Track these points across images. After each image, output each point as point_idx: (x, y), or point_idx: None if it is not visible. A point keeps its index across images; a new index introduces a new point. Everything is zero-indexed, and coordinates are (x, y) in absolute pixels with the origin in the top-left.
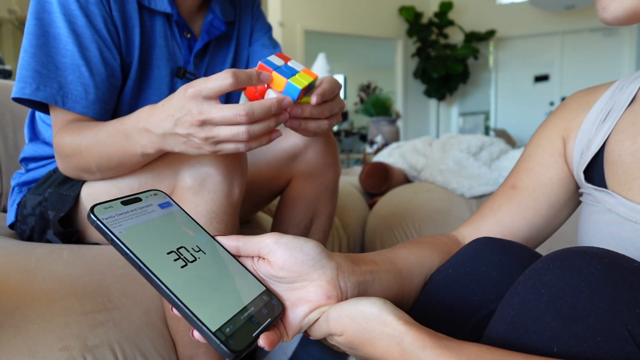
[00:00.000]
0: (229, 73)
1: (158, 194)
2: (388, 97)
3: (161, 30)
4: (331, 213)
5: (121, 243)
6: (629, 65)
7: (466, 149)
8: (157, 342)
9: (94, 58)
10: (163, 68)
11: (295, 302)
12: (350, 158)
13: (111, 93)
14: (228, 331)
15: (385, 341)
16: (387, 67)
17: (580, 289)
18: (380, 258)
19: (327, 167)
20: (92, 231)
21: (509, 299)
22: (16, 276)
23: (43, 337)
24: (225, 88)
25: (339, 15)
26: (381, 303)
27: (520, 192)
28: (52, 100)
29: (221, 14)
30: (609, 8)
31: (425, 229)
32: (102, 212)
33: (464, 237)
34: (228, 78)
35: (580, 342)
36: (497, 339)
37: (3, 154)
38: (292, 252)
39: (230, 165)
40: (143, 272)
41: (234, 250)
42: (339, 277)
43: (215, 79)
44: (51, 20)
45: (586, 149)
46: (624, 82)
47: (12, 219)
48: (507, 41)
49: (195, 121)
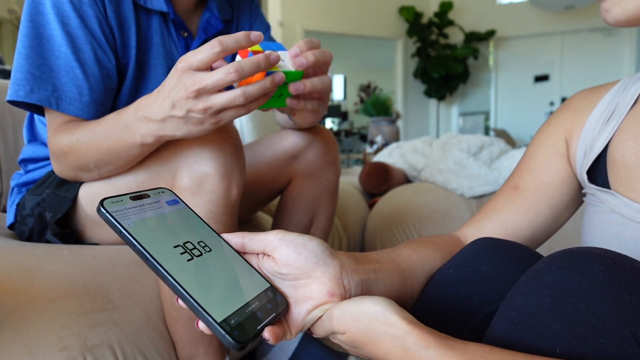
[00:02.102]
0: (215, 41)
1: (165, 191)
2: (388, 97)
3: (158, 29)
4: (331, 213)
5: (129, 235)
6: (629, 65)
7: (466, 149)
8: (157, 342)
9: (88, 59)
10: (160, 67)
11: (298, 299)
12: (350, 158)
13: (106, 95)
14: (233, 323)
15: (388, 340)
16: (387, 67)
17: (583, 290)
18: (383, 257)
19: (327, 167)
20: (91, 231)
21: (511, 299)
22: (16, 276)
23: (43, 337)
24: (213, 56)
25: (339, 15)
26: (385, 302)
27: (522, 192)
28: (47, 102)
29: (218, 12)
30: (611, 12)
31: (425, 229)
32: (112, 206)
33: (466, 237)
34: (215, 46)
35: (583, 344)
36: (498, 339)
37: (3, 154)
38: (296, 249)
39: (229, 165)
40: (150, 263)
41: (239, 247)
42: (342, 275)
43: (202, 49)
44: (44, 22)
45: (589, 150)
46: (627, 82)
47: (11, 220)
48: (507, 41)
49: (190, 93)
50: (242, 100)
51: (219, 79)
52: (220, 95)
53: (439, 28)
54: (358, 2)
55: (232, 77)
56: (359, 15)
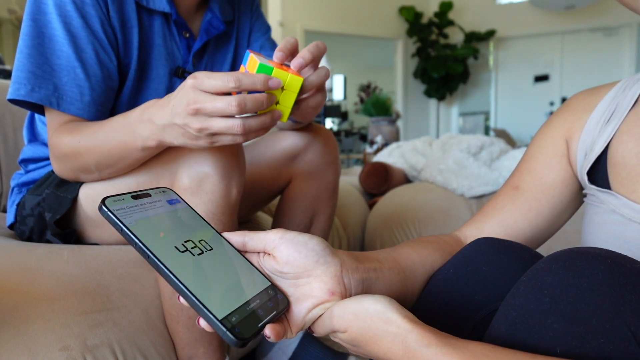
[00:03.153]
0: (233, 76)
1: (167, 191)
2: (388, 97)
3: (160, 30)
4: (331, 213)
5: (131, 233)
6: (629, 65)
7: (466, 149)
8: (157, 342)
9: (89, 59)
10: (162, 68)
11: (299, 297)
12: (350, 158)
13: (107, 95)
14: (234, 320)
15: (389, 339)
16: (387, 67)
17: (583, 290)
18: (384, 256)
19: (327, 167)
20: (91, 232)
21: (511, 299)
22: (16, 276)
23: (43, 337)
24: (225, 89)
25: (339, 15)
26: (386, 301)
27: (523, 193)
28: (47, 101)
29: (220, 14)
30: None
31: (425, 229)
32: (114, 204)
33: (466, 237)
34: (231, 81)
35: (583, 344)
36: (498, 339)
37: (3, 154)
38: (297, 248)
39: (228, 166)
40: (151, 261)
41: (240, 246)
42: (343, 274)
43: (218, 77)
44: (47, 21)
45: (590, 150)
46: (627, 83)
47: (11, 220)
48: (507, 41)
49: (189, 110)
50: (240, 131)
51: (220, 108)
52: (219, 120)
53: (439, 28)
54: (358, 2)
55: (233, 110)
56: (359, 15)
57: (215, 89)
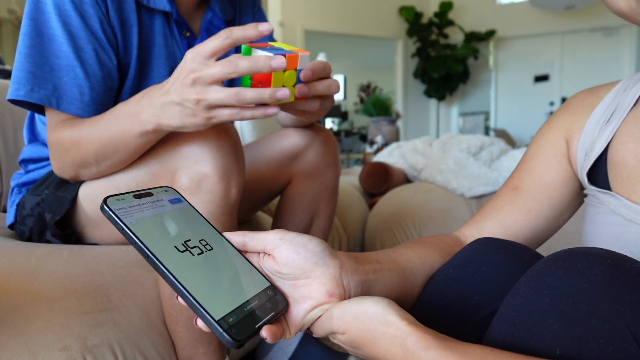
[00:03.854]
0: (224, 31)
1: (169, 190)
2: (388, 97)
3: (160, 29)
4: (331, 213)
5: (131, 232)
6: (629, 65)
7: (466, 149)
8: (157, 342)
9: (89, 59)
10: (162, 67)
11: (298, 298)
12: (350, 158)
13: (107, 94)
14: (231, 321)
15: (388, 341)
16: (387, 67)
17: (583, 290)
18: (383, 257)
19: (327, 167)
20: (91, 232)
21: (511, 299)
22: (16, 276)
23: (43, 337)
24: (221, 46)
25: (339, 15)
26: (385, 303)
27: (522, 193)
28: (47, 101)
29: (220, 13)
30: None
31: (425, 229)
32: (115, 204)
33: (466, 237)
34: (222, 35)
35: (583, 344)
36: (498, 340)
37: (3, 154)
38: (296, 249)
39: (228, 166)
40: (150, 261)
41: (240, 246)
42: (342, 275)
43: (213, 38)
44: (46, 21)
45: (590, 151)
46: (628, 83)
47: (11, 220)
48: (507, 41)
49: (188, 80)
50: (235, 101)
51: (216, 71)
52: (216, 89)
53: (439, 28)
54: (358, 2)
55: (227, 69)
56: (359, 15)
57: (216, 48)
